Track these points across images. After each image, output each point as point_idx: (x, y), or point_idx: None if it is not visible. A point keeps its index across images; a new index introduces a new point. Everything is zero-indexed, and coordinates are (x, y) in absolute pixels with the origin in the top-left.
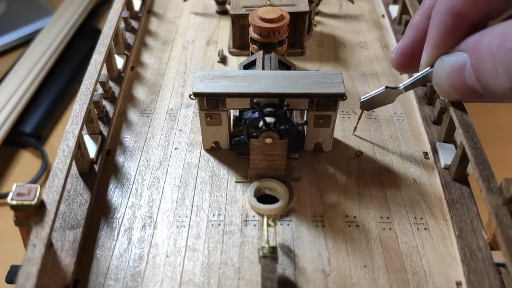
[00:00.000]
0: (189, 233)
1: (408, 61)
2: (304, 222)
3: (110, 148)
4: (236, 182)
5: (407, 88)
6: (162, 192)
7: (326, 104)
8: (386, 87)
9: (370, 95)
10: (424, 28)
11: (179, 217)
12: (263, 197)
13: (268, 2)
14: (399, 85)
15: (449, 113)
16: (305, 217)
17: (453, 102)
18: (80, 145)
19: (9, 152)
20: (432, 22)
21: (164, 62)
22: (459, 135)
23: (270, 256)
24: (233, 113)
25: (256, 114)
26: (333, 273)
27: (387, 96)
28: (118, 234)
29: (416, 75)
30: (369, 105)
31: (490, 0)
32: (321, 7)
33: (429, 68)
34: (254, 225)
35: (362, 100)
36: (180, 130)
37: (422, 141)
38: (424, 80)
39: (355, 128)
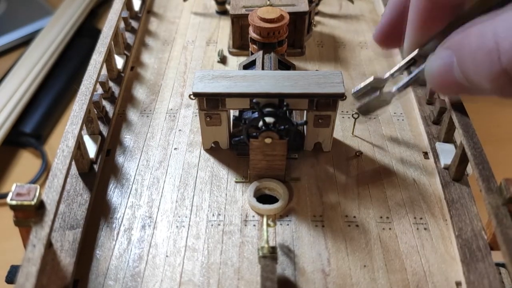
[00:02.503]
0: (189, 233)
1: (389, 37)
2: (303, 222)
3: (110, 148)
4: (236, 182)
5: (400, 89)
6: (162, 192)
7: (326, 104)
8: (375, 78)
9: (360, 88)
10: (400, 4)
11: (179, 217)
12: (263, 197)
13: (268, 2)
14: (393, 88)
15: (449, 113)
16: (305, 217)
17: (453, 102)
18: (80, 145)
19: (9, 152)
20: (411, 6)
21: (164, 62)
22: (459, 135)
23: (269, 256)
24: (233, 113)
25: (256, 114)
26: (332, 273)
27: (382, 96)
28: (117, 234)
29: (408, 77)
30: (366, 110)
31: None
32: (321, 7)
33: (419, 68)
34: (254, 225)
35: (358, 107)
36: (180, 130)
37: (422, 141)
38: (417, 81)
39: (353, 131)
